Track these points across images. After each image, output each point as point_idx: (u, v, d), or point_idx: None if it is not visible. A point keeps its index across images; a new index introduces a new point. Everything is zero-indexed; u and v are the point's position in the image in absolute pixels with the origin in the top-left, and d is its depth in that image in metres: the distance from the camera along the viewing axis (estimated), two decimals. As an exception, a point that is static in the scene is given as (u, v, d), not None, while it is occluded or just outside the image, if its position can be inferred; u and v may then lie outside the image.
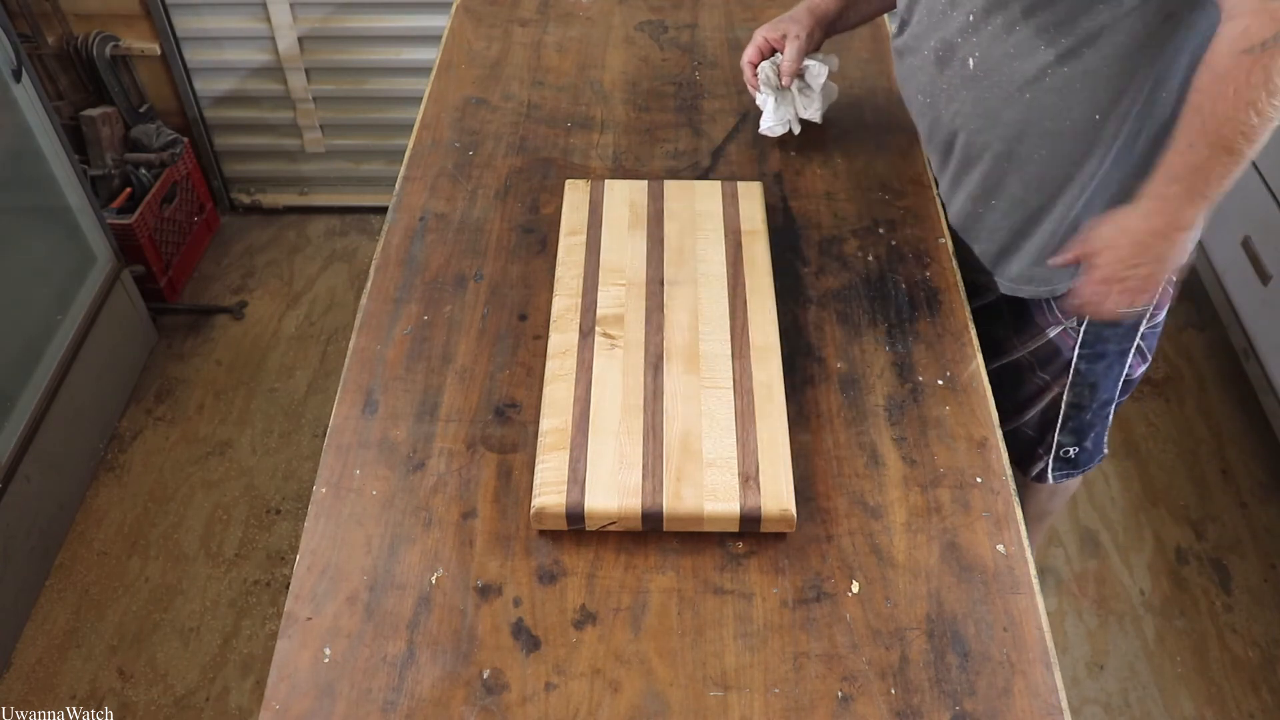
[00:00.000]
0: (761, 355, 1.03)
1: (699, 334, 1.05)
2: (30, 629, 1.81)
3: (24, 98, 1.88)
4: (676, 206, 1.20)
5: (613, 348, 1.04)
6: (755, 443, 0.95)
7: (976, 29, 1.06)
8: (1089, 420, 1.31)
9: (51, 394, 1.89)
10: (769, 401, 0.99)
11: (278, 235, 2.63)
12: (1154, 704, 1.72)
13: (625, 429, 0.96)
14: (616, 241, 1.16)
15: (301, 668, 0.85)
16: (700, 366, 1.02)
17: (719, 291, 1.09)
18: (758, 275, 1.11)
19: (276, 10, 2.30)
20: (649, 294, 1.09)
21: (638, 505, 0.90)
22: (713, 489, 0.91)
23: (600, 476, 0.92)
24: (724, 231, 1.17)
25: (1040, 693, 0.83)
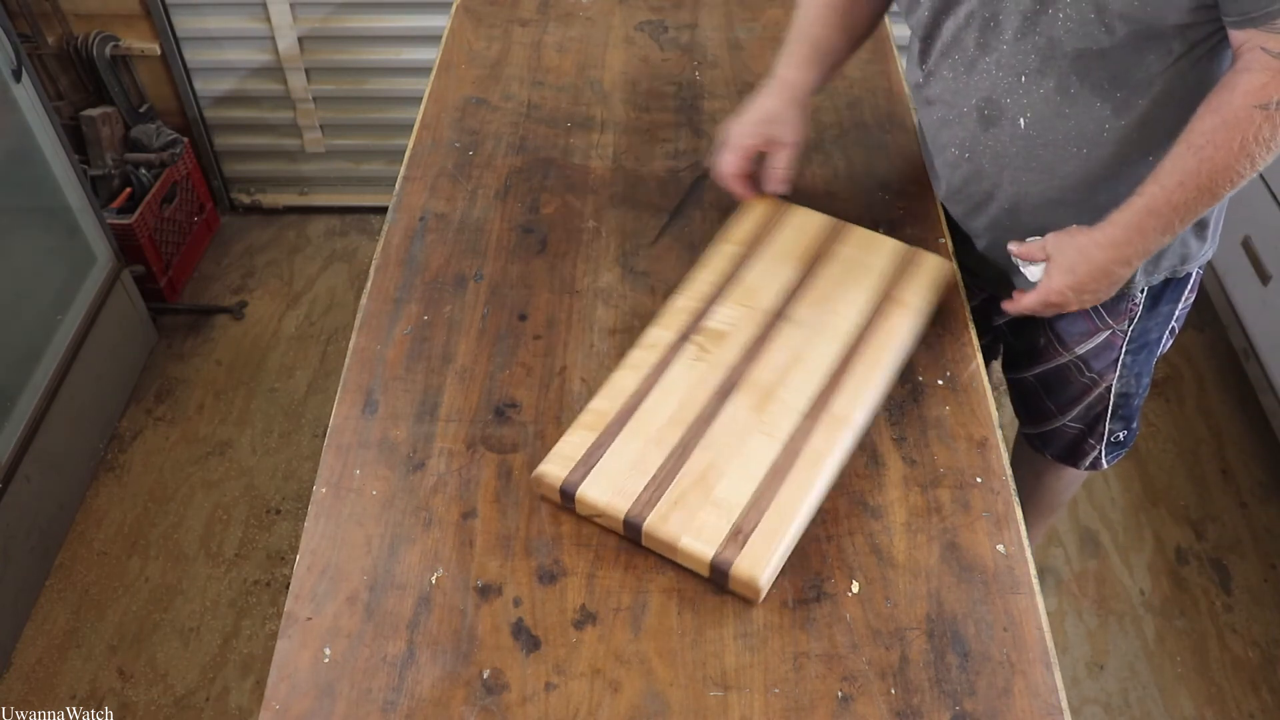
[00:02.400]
0: (832, 425, 0.96)
1: (785, 379, 1.00)
2: (30, 629, 1.81)
3: (24, 98, 1.87)
4: (846, 251, 1.14)
5: (697, 360, 1.01)
6: (770, 502, 0.90)
7: (1028, 90, 1.02)
8: (1136, 404, 1.33)
9: (51, 394, 1.89)
10: (811, 469, 0.93)
11: (278, 235, 2.63)
12: (1154, 704, 1.72)
13: (659, 437, 0.95)
14: (767, 265, 1.11)
15: (301, 668, 0.85)
16: (766, 409, 0.97)
17: (832, 347, 1.03)
18: (884, 349, 1.03)
19: (276, 10, 2.30)
20: (764, 324, 1.05)
21: (623, 510, 0.90)
22: (700, 527, 0.89)
23: (608, 470, 0.93)
24: (877, 292, 1.09)
25: (1040, 693, 0.83)
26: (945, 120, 1.14)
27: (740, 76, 1.50)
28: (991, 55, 1.03)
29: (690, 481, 0.92)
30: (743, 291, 1.08)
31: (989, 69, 1.04)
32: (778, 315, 1.06)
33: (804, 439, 0.95)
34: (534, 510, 0.96)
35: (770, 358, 1.02)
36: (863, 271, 1.11)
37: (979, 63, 1.05)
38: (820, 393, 0.99)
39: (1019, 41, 1.00)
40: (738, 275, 1.10)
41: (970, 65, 1.06)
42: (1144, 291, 1.20)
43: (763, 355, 1.02)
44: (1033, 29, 0.98)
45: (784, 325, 1.05)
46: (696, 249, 1.22)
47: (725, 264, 1.12)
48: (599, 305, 1.15)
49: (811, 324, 1.05)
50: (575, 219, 1.26)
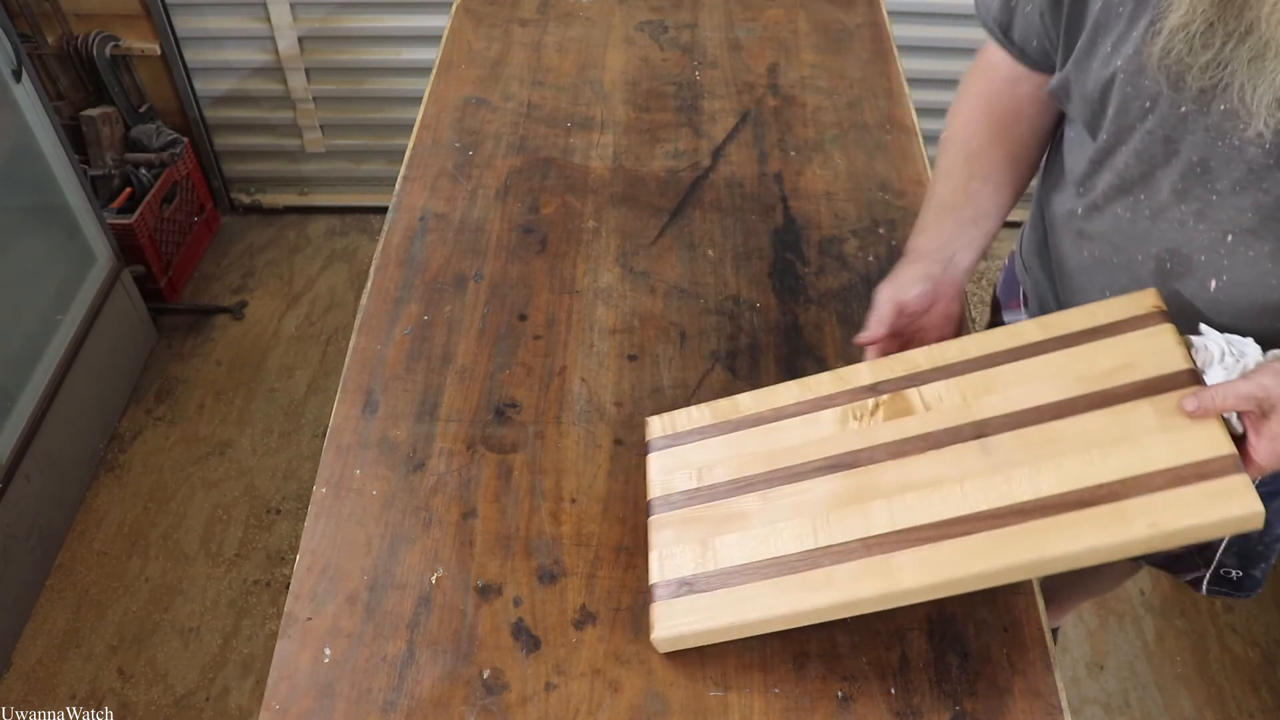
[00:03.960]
0: (876, 573, 0.79)
1: (898, 496, 0.81)
2: (30, 629, 1.81)
3: (24, 98, 1.87)
4: (1135, 415, 0.79)
5: (848, 420, 0.88)
6: (742, 586, 0.83)
7: (1233, 251, 0.84)
8: (1259, 551, 1.15)
9: (51, 394, 1.89)
10: (805, 593, 0.80)
11: (278, 235, 2.63)
12: (1154, 704, 1.72)
13: (745, 458, 0.90)
14: (1024, 372, 0.85)
15: (301, 668, 0.85)
16: (848, 510, 0.82)
17: (978, 500, 0.79)
18: (1027, 556, 0.75)
19: (276, 10, 2.30)
20: (951, 426, 0.84)
21: (650, 495, 0.92)
22: (674, 555, 0.87)
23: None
24: (1100, 488, 0.76)
25: (1040, 693, 0.83)
26: (1104, 262, 0.95)
27: (740, 76, 1.50)
28: (1192, 205, 0.84)
29: (717, 515, 0.87)
30: (973, 382, 0.86)
31: (1185, 219, 0.85)
32: (975, 431, 0.83)
33: (836, 561, 0.80)
34: (534, 510, 0.96)
35: (915, 467, 0.83)
36: (1115, 450, 0.77)
37: (1171, 210, 0.86)
38: (906, 533, 0.79)
39: (1236, 195, 0.81)
40: (994, 364, 0.86)
41: (1159, 211, 0.87)
42: None
43: (913, 459, 0.83)
44: (1258, 184, 0.79)
45: (969, 443, 0.82)
46: (696, 249, 1.22)
47: (1005, 340, 0.87)
48: (599, 305, 1.15)
49: (998, 464, 0.80)
50: (575, 219, 1.26)
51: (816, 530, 0.82)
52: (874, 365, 0.90)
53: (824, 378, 0.91)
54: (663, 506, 0.90)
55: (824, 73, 1.50)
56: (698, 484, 0.90)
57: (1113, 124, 0.87)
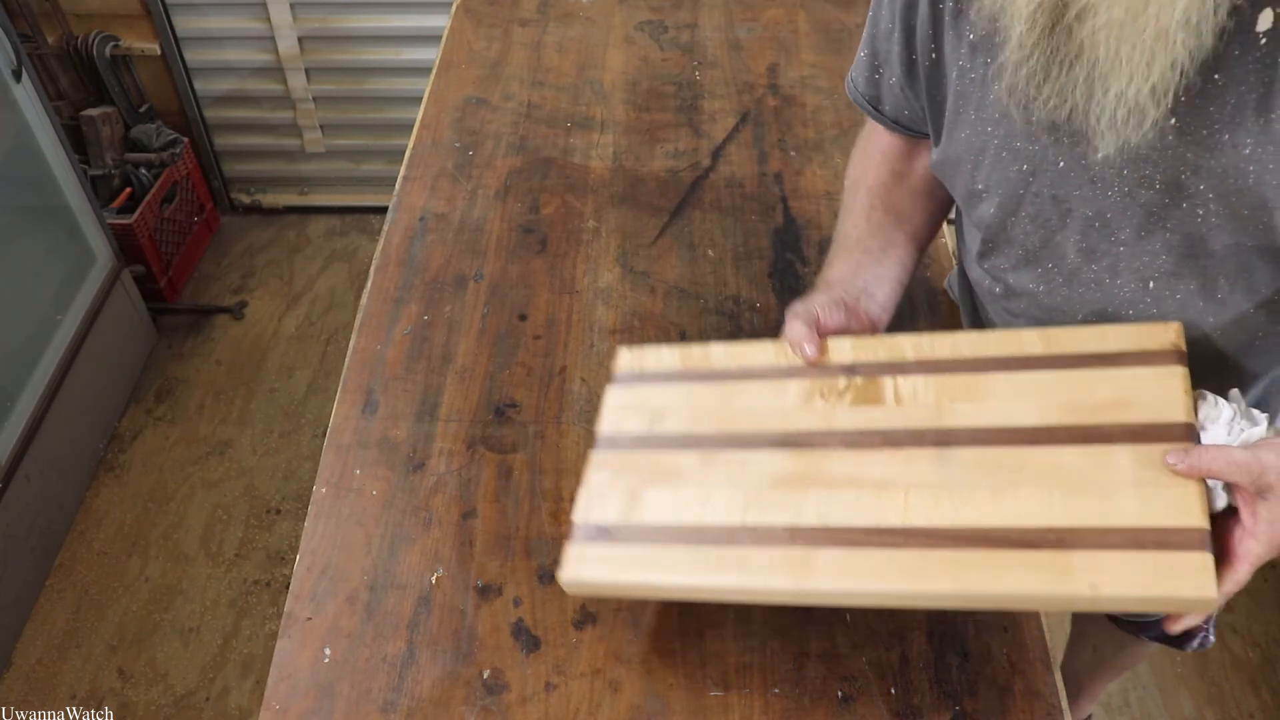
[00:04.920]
0: (794, 566, 0.73)
1: (841, 489, 0.75)
2: (30, 629, 1.81)
3: (24, 98, 1.87)
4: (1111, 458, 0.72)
5: (813, 397, 0.81)
6: (665, 545, 0.78)
7: (1159, 298, 0.80)
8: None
9: (51, 394, 1.89)
10: (715, 570, 0.75)
11: (278, 235, 2.63)
12: (1154, 704, 1.72)
13: (697, 413, 0.84)
14: (1009, 385, 0.77)
15: (301, 668, 0.85)
16: (790, 492, 0.77)
17: (930, 512, 0.72)
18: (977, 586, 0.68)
19: (276, 10, 2.30)
20: (913, 430, 0.77)
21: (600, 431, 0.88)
22: (598, 495, 0.83)
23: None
24: (1066, 522, 0.69)
25: (1040, 693, 0.83)
26: (1037, 324, 0.90)
27: (740, 76, 1.50)
28: (1102, 261, 0.81)
29: (655, 466, 0.82)
30: (954, 385, 0.78)
31: (1100, 278, 0.82)
32: (939, 438, 0.75)
33: (757, 544, 0.74)
34: (534, 510, 0.96)
35: (867, 462, 0.76)
36: (1079, 494, 0.69)
37: (1084, 271, 0.82)
38: (835, 532, 0.73)
39: (1144, 241, 0.77)
40: (982, 370, 0.79)
41: (1072, 275, 0.83)
42: None
43: (867, 453, 0.77)
44: (1162, 225, 0.76)
45: (929, 450, 0.75)
46: (696, 249, 1.22)
47: (1001, 346, 0.80)
48: (599, 305, 1.15)
49: (951, 480, 0.73)
50: (575, 219, 1.26)
51: (747, 506, 0.76)
52: (857, 343, 0.83)
53: (784, 347, 0.85)
54: (607, 445, 0.85)
55: (824, 73, 1.50)
56: (647, 430, 0.84)
57: (998, 192, 0.83)
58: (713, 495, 0.78)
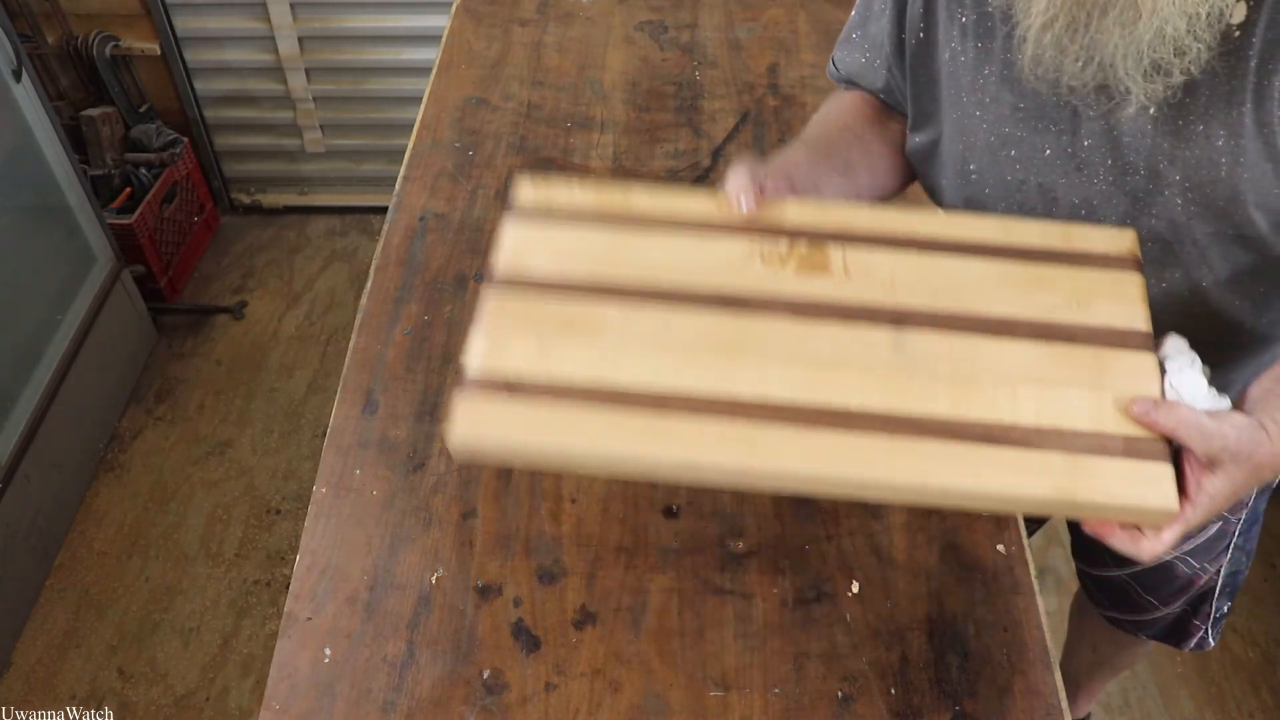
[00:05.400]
0: (725, 440, 0.65)
1: (787, 365, 0.67)
2: (30, 629, 1.81)
3: (24, 98, 1.87)
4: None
5: (767, 262, 0.72)
6: (579, 407, 0.67)
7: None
8: (1243, 576, 1.18)
9: (51, 394, 1.89)
10: (635, 438, 0.66)
11: (278, 235, 2.63)
12: (1154, 704, 1.72)
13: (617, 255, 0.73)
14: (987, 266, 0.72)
15: (301, 668, 0.85)
16: (729, 360, 0.68)
17: (874, 399, 0.66)
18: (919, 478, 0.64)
19: (276, 10, 2.30)
20: (869, 307, 0.70)
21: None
22: (504, 346, 0.70)
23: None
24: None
25: (1040, 693, 0.83)
26: None
27: (740, 76, 1.50)
28: None
29: (566, 315, 0.70)
30: (909, 264, 0.72)
31: None
32: (894, 317, 0.69)
33: (692, 415, 0.65)
34: (534, 510, 0.96)
35: (816, 336, 0.68)
36: (1042, 392, 0.66)
37: None
38: (784, 409, 0.65)
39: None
40: (931, 249, 0.73)
41: None
42: None
43: (816, 326, 0.69)
44: (1147, 213, 0.76)
45: (883, 330, 0.69)
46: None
47: (959, 229, 0.74)
48: (599, 305, 1.15)
49: (908, 365, 0.67)
50: (575, 219, 1.26)
51: (679, 371, 0.67)
52: (802, 207, 0.74)
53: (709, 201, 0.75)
54: (506, 286, 0.72)
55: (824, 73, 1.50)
56: (557, 272, 0.72)
57: (988, 178, 0.83)
58: (637, 355, 0.68)
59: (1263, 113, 0.69)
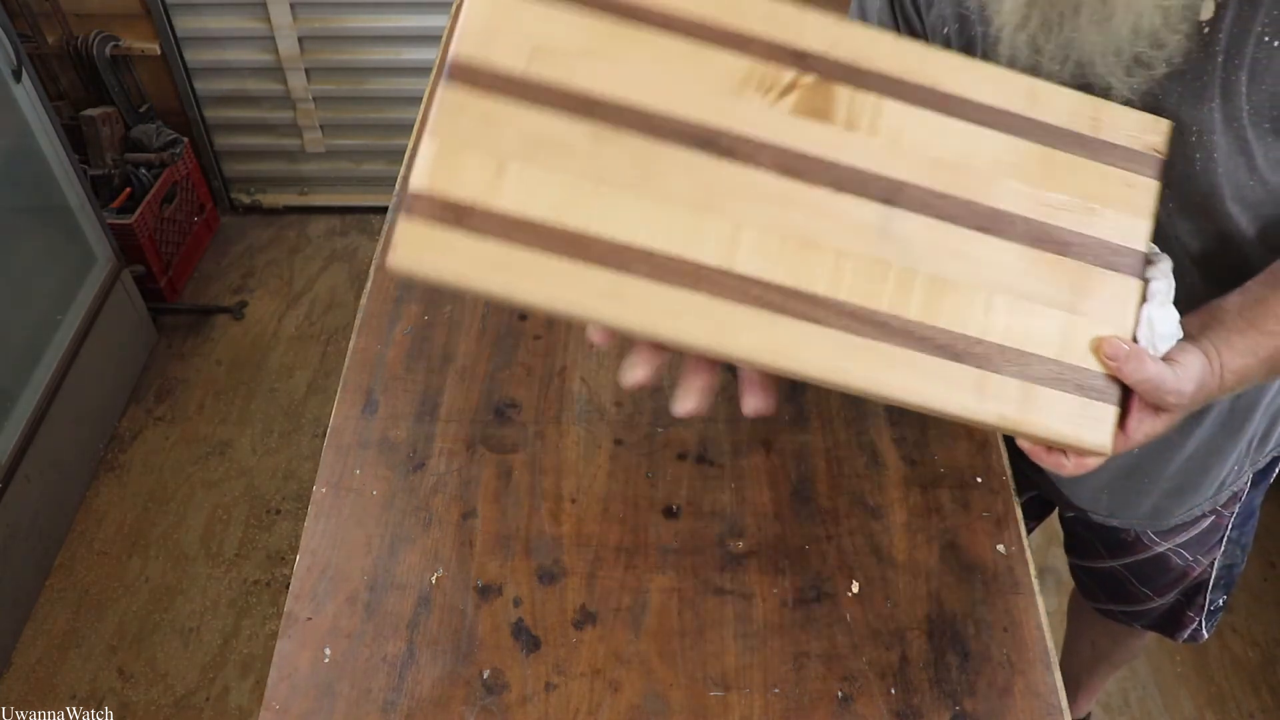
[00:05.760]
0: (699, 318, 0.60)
1: (770, 237, 0.62)
2: (30, 629, 1.81)
3: (24, 98, 1.88)
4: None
5: (769, 96, 0.63)
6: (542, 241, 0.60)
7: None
8: (1239, 570, 1.19)
9: (51, 394, 1.89)
10: (608, 298, 0.60)
11: (278, 235, 2.63)
12: (1154, 704, 1.72)
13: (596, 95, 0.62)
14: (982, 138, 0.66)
15: (301, 668, 0.85)
16: (710, 206, 0.62)
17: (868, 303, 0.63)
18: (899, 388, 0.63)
19: (276, 10, 2.30)
20: (866, 178, 0.63)
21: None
22: (456, 167, 0.62)
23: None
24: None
25: (1040, 693, 0.83)
26: None
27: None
28: None
29: (531, 131, 0.60)
30: (919, 121, 0.65)
31: None
32: (885, 192, 0.64)
33: (652, 277, 0.60)
34: (534, 510, 0.96)
35: (799, 201, 0.63)
36: (1016, 307, 0.64)
37: None
38: (752, 285, 0.61)
39: None
40: (948, 108, 0.66)
41: None
42: (1250, 468, 1.05)
43: (802, 188, 0.63)
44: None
45: (872, 205, 0.63)
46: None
47: (984, 86, 0.66)
48: (599, 305, 1.15)
49: (890, 253, 0.63)
50: (575, 219, 1.26)
51: (647, 223, 0.60)
52: (819, 23, 0.64)
53: (760, 4, 0.64)
54: (464, 77, 0.61)
55: (824, 73, 1.50)
56: (524, 69, 0.61)
57: None
58: (602, 194, 0.60)
59: (1230, 107, 0.70)
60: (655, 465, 0.99)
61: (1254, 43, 0.67)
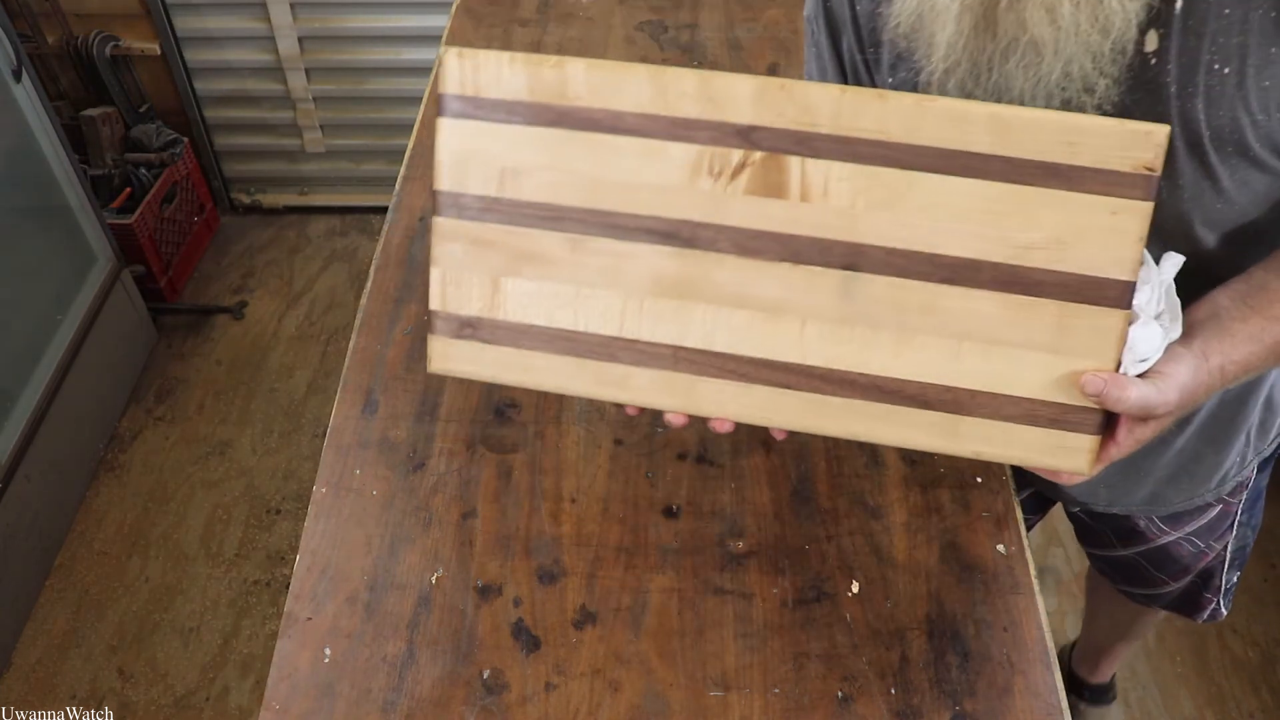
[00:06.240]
0: (669, 384, 0.69)
1: (732, 315, 0.67)
2: (30, 629, 1.81)
3: (24, 98, 1.88)
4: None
5: (718, 178, 0.66)
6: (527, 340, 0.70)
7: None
8: (1251, 545, 1.19)
9: (51, 394, 1.89)
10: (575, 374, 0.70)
11: (278, 235, 2.63)
12: (1154, 704, 1.72)
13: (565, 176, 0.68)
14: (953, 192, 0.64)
15: (301, 668, 0.85)
16: (667, 298, 0.68)
17: (827, 351, 0.66)
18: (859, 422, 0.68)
19: (276, 10, 2.30)
20: (826, 253, 0.65)
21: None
22: (454, 276, 0.71)
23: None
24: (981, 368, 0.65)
25: (1040, 693, 0.83)
26: None
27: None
28: None
29: (514, 247, 0.69)
30: (876, 180, 0.63)
31: None
32: (847, 257, 0.65)
33: (638, 362, 0.68)
34: (534, 510, 0.96)
35: (760, 278, 0.66)
36: (989, 353, 0.64)
37: None
38: (722, 358, 0.67)
39: None
40: (903, 160, 0.64)
41: None
42: (1256, 458, 1.05)
43: (762, 265, 0.66)
44: None
45: (834, 272, 0.65)
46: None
47: (941, 131, 0.63)
48: (599, 305, 1.15)
49: (854, 315, 0.65)
50: (575, 219, 1.26)
51: (625, 314, 0.68)
52: (760, 91, 0.64)
53: (687, 80, 0.65)
54: (451, 208, 0.70)
55: (824, 73, 1.50)
56: (497, 192, 0.69)
57: None
58: (587, 296, 0.68)
59: (1191, 134, 0.70)
60: (655, 465, 0.99)
61: (1204, 71, 0.67)
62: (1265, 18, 0.65)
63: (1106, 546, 1.23)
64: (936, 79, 0.71)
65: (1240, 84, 0.67)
